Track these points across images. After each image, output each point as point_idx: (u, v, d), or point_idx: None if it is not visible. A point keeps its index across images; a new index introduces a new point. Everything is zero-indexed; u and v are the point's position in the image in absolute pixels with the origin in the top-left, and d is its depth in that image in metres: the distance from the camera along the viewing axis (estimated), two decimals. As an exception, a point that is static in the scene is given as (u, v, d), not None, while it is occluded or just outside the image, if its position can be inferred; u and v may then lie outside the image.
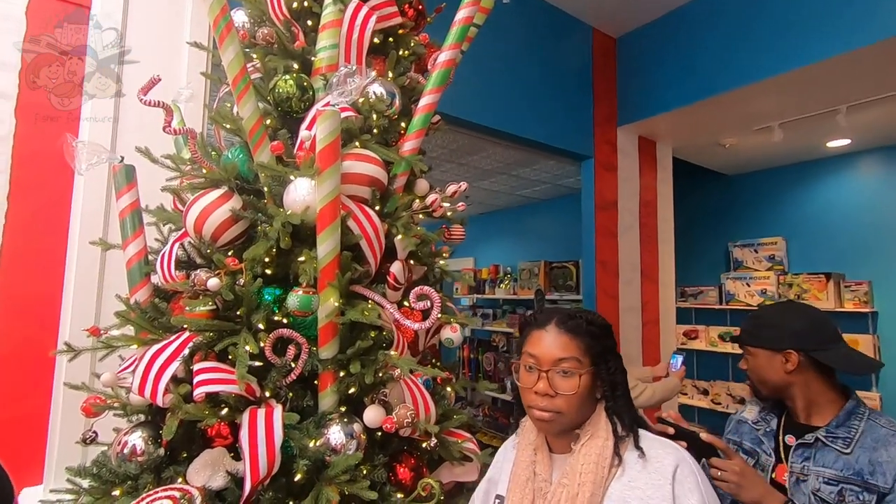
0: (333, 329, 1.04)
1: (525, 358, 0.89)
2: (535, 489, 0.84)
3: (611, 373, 0.87)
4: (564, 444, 0.87)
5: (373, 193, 1.16)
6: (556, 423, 0.85)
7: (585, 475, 0.79)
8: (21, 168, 1.50)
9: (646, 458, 0.81)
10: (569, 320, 0.87)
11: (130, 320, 1.03)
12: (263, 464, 0.89)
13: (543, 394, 0.84)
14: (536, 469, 0.86)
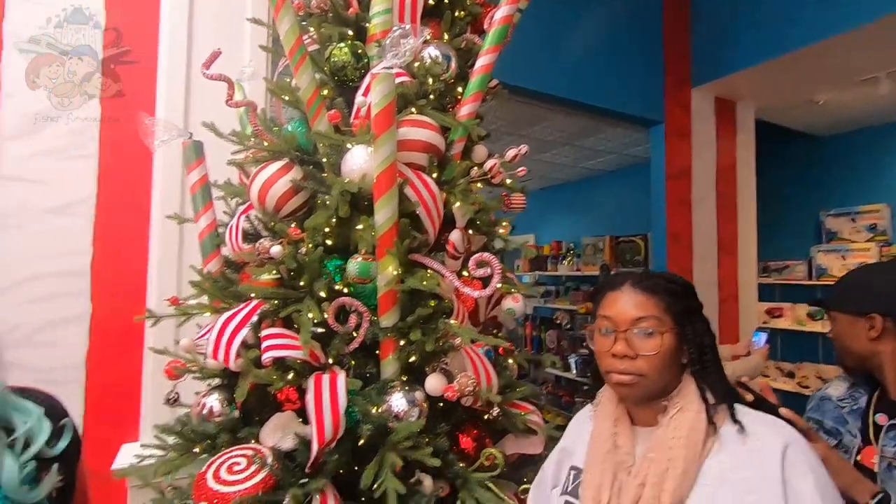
0: (393, 297, 1.04)
1: (600, 321, 0.83)
2: (617, 462, 0.79)
3: (697, 334, 0.79)
4: (649, 416, 0.80)
5: (430, 160, 1.13)
6: (637, 388, 0.78)
7: (676, 449, 0.72)
8: (107, 153, 1.62)
9: (746, 433, 0.73)
10: (645, 279, 0.80)
11: (204, 289, 1.08)
12: (329, 427, 0.91)
13: (622, 355, 0.78)
14: (618, 441, 0.81)
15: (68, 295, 1.56)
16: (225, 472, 0.95)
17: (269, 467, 0.94)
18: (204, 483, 0.92)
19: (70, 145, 1.58)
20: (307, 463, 0.95)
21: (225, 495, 0.90)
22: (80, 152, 1.59)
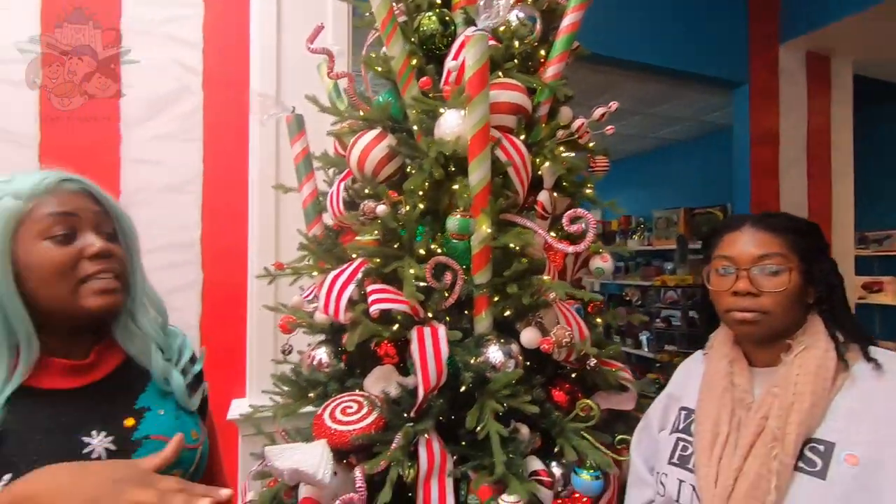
0: (487, 255, 1.08)
1: (717, 262, 0.82)
2: (735, 399, 0.79)
3: (824, 273, 0.77)
4: (770, 356, 0.79)
5: (518, 121, 1.15)
6: (761, 326, 0.77)
7: (803, 385, 0.71)
8: (210, 133, 1.77)
9: (882, 371, 0.71)
10: (766, 218, 0.79)
11: (311, 251, 1.17)
12: (433, 373, 0.98)
13: (745, 293, 0.77)
14: (735, 380, 0.81)
15: (183, 265, 1.74)
16: (339, 414, 1.04)
17: (380, 409, 1.02)
18: (322, 423, 1.02)
19: (180, 130, 1.74)
20: (412, 408, 1.03)
21: (343, 433, 0.99)
22: (188, 136, 1.75)
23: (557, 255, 1.18)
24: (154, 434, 0.70)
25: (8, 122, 1.57)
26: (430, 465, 0.96)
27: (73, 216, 0.69)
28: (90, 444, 0.65)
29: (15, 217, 0.65)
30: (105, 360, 0.75)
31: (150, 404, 0.76)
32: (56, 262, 0.66)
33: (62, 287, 0.67)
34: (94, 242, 0.69)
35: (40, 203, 0.67)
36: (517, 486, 0.90)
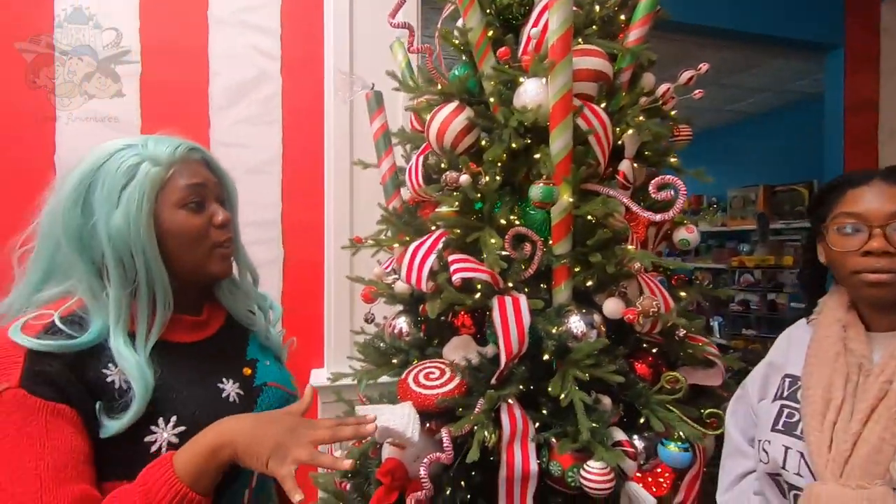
0: (567, 225, 1.07)
1: (839, 220, 0.77)
2: (850, 364, 0.75)
3: None
4: (892, 321, 0.74)
5: (599, 88, 1.12)
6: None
7: None
8: (288, 115, 1.85)
9: None
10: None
11: (391, 223, 1.21)
12: (515, 341, 0.99)
13: (881, 252, 0.72)
14: (850, 345, 0.76)
15: (266, 242, 1.85)
16: (423, 379, 1.08)
17: (463, 374, 1.04)
18: (407, 386, 1.06)
19: (260, 113, 1.83)
20: (492, 376, 1.05)
21: (427, 396, 1.02)
22: (268, 119, 1.84)
23: (640, 226, 1.15)
24: (270, 381, 0.77)
25: (113, 108, 1.72)
26: (513, 429, 0.98)
27: (202, 186, 0.74)
28: (224, 389, 0.72)
29: (158, 184, 0.70)
30: (214, 318, 0.83)
31: (257, 356, 0.84)
32: (194, 230, 0.72)
33: (198, 252, 0.73)
34: (218, 212, 0.75)
35: (176, 172, 0.72)
36: (603, 453, 0.90)
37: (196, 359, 0.72)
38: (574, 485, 0.98)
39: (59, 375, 0.61)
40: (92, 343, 0.65)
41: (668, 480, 1.10)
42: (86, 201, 0.68)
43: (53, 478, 0.56)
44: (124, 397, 0.64)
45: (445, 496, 1.03)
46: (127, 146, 0.72)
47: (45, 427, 0.58)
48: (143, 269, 0.68)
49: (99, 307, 0.67)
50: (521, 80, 1.10)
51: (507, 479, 0.98)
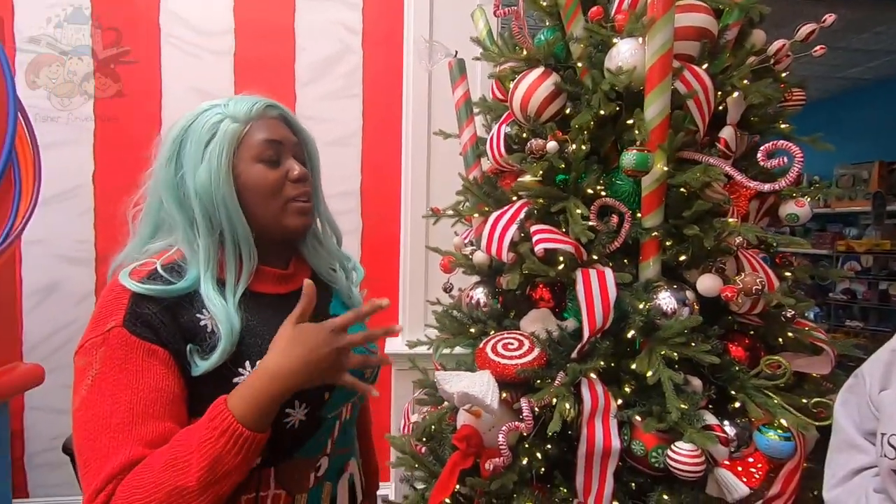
0: (660, 196, 1.01)
1: None
2: None
3: None
4: None
5: (702, 48, 1.03)
6: None
7: None
8: (369, 88, 1.89)
9: None
10: None
11: (472, 193, 1.20)
12: (599, 315, 0.95)
13: None
14: None
15: (347, 212, 1.92)
16: (501, 349, 1.08)
17: (543, 346, 1.03)
18: (485, 355, 1.07)
19: (343, 87, 1.88)
20: (572, 350, 1.02)
21: (507, 366, 1.02)
22: (350, 92, 1.89)
23: (742, 198, 1.06)
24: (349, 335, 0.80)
25: (209, 84, 1.84)
26: (594, 404, 0.96)
27: (278, 143, 0.77)
28: None
29: (236, 138, 0.74)
30: (299, 272, 0.86)
31: (338, 311, 0.86)
32: (269, 183, 0.75)
33: (273, 205, 0.76)
34: (294, 167, 0.78)
35: (254, 127, 0.76)
36: (694, 435, 0.85)
37: (282, 309, 0.74)
38: (658, 465, 0.94)
39: (157, 318, 0.66)
40: (187, 289, 0.70)
41: (761, 471, 1.03)
42: (178, 158, 0.74)
43: (143, 412, 0.61)
44: (213, 340, 0.68)
45: (521, 465, 1.03)
46: (212, 106, 0.77)
47: (140, 365, 0.63)
48: (227, 221, 0.72)
49: (194, 256, 0.72)
50: (614, 40, 1.04)
51: (586, 454, 0.96)
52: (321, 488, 0.78)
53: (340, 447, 0.83)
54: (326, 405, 0.77)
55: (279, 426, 0.69)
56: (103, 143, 1.83)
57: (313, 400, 0.73)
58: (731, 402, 0.99)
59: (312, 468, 0.76)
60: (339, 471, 0.82)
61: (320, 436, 0.77)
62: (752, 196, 1.09)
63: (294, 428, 0.71)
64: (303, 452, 0.74)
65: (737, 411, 1.00)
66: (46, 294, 1.84)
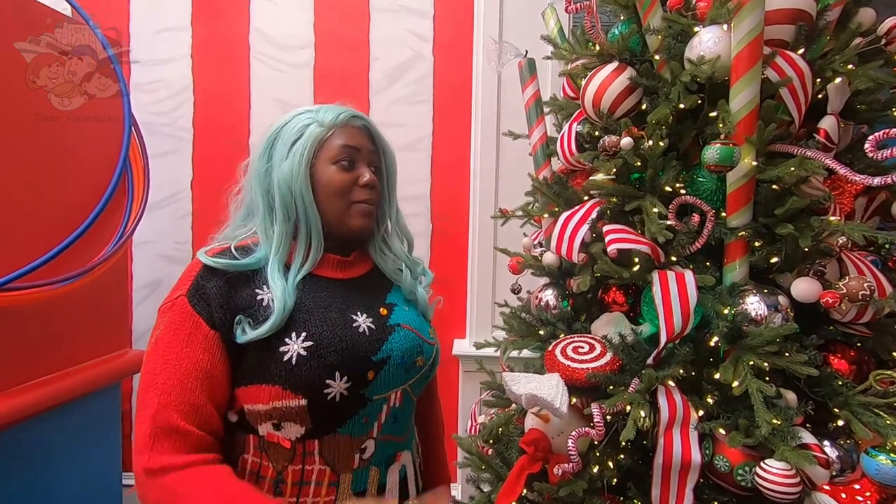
0: (748, 193, 0.94)
1: None
2: None
3: None
4: None
5: (797, 31, 0.95)
6: None
7: None
8: (439, 93, 1.93)
9: None
10: None
11: (542, 193, 1.18)
12: (678, 320, 0.90)
13: None
14: None
15: (416, 216, 1.96)
16: (571, 352, 1.05)
17: (616, 351, 0.99)
18: (554, 358, 1.04)
19: (414, 92, 1.93)
20: (648, 356, 0.97)
21: (577, 370, 0.99)
22: (420, 98, 1.93)
23: (845, 195, 0.96)
24: (404, 323, 0.82)
25: (292, 96, 1.96)
26: (672, 414, 0.90)
27: (355, 150, 0.83)
28: (357, 321, 0.79)
29: (318, 141, 0.81)
30: (360, 263, 0.91)
31: (397, 302, 0.89)
32: (339, 184, 0.81)
33: (340, 204, 0.82)
34: (365, 174, 0.82)
35: (336, 133, 0.81)
36: (788, 453, 0.78)
37: (338, 292, 0.82)
38: (745, 484, 0.87)
39: (215, 291, 0.73)
40: (251, 266, 0.77)
41: (870, 500, 0.92)
42: (269, 153, 0.82)
43: (181, 381, 0.68)
44: (266, 313, 0.74)
45: (592, 473, 0.99)
46: (306, 111, 0.87)
47: (189, 337, 0.70)
48: (302, 211, 0.80)
49: (267, 240, 0.81)
50: (695, 29, 0.98)
51: (663, 467, 0.91)
52: (367, 472, 0.79)
53: (389, 433, 0.83)
54: (371, 386, 0.78)
55: (320, 396, 0.72)
56: (200, 152, 2.01)
57: (355, 376, 0.75)
58: (832, 421, 0.90)
59: (357, 449, 0.78)
60: (389, 459, 0.83)
61: (365, 416, 0.79)
62: (858, 192, 0.98)
63: (335, 401, 0.74)
64: (346, 429, 0.76)
65: (840, 431, 0.90)
66: (152, 289, 2.06)
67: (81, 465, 1.54)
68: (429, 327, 0.93)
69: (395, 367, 0.80)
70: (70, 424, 1.48)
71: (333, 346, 0.73)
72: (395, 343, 0.82)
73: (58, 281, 1.34)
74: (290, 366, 0.71)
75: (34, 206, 1.33)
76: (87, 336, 1.53)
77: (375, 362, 0.77)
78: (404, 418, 0.86)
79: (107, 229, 1.53)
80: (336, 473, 0.76)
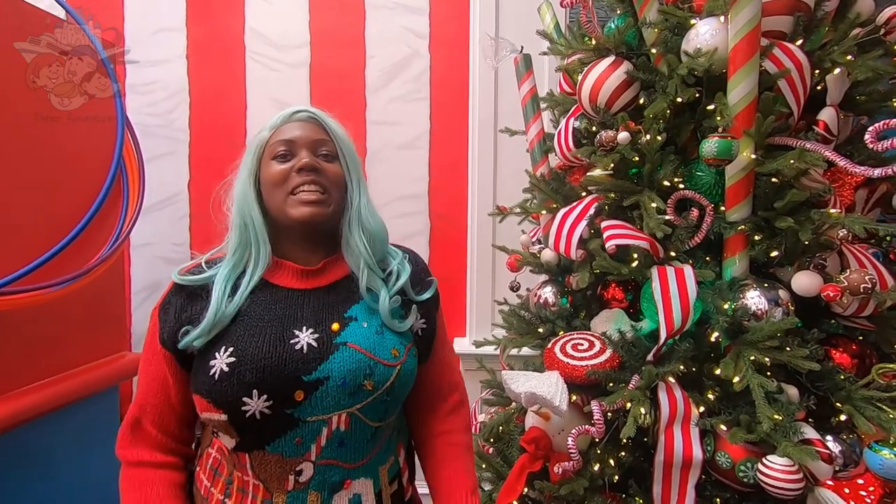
0: (747, 186, 0.93)
1: None
2: None
3: None
4: None
5: (795, 22, 0.94)
6: None
7: None
8: (436, 91, 1.91)
9: None
10: None
11: (539, 190, 1.17)
12: (678, 316, 0.89)
13: None
14: None
15: (414, 214, 1.95)
16: (570, 349, 1.04)
17: (615, 348, 0.98)
18: (554, 356, 1.03)
19: (411, 91, 1.92)
20: (648, 352, 0.96)
21: (576, 367, 0.99)
22: (418, 96, 1.92)
23: (846, 187, 0.95)
24: (351, 342, 0.73)
25: (288, 95, 1.95)
26: (673, 410, 0.90)
27: (292, 142, 0.78)
28: (297, 337, 0.73)
29: (261, 145, 0.80)
30: (332, 271, 0.82)
31: (358, 315, 0.79)
32: (274, 176, 0.76)
33: (278, 197, 0.76)
34: (303, 158, 0.76)
35: (276, 132, 0.79)
36: (790, 448, 0.77)
37: (291, 303, 0.76)
38: (747, 480, 0.86)
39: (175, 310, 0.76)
40: (210, 279, 0.77)
41: (873, 495, 0.91)
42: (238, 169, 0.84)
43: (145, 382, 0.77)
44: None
45: (593, 471, 0.98)
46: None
47: (152, 346, 0.77)
48: (246, 215, 0.78)
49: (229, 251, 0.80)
50: (692, 21, 0.97)
51: (664, 464, 0.90)
52: (305, 495, 0.74)
53: (334, 458, 0.75)
54: (301, 407, 0.72)
55: (238, 413, 0.70)
56: (197, 154, 2.00)
57: (277, 396, 0.71)
58: (835, 415, 0.89)
59: (291, 470, 0.73)
60: (335, 485, 0.76)
61: (296, 437, 0.73)
62: (858, 184, 0.98)
63: (256, 418, 0.70)
64: (275, 448, 0.72)
65: (843, 425, 0.90)
66: (151, 291, 2.05)
67: (80, 468, 1.53)
68: (393, 346, 0.78)
69: (333, 389, 0.72)
70: (68, 428, 1.47)
71: (255, 363, 0.70)
72: (335, 363, 0.73)
73: (54, 284, 1.34)
74: (213, 380, 0.70)
75: (29, 209, 1.32)
76: (85, 339, 1.52)
77: (307, 382, 0.71)
78: (357, 444, 0.76)
79: (103, 231, 1.52)
80: (269, 492, 0.73)
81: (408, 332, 0.82)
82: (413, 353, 0.81)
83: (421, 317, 0.84)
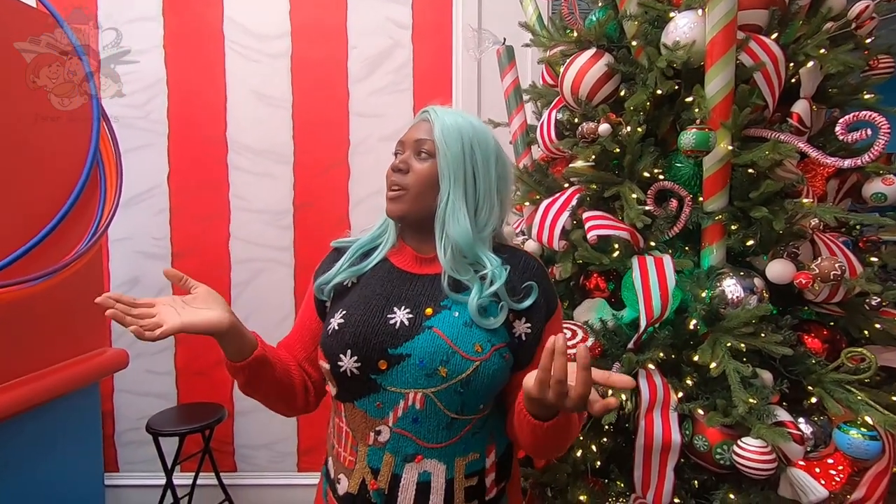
0: (724, 177, 0.95)
1: None
2: None
3: None
4: None
5: (770, 16, 0.96)
6: None
7: None
8: (419, 82, 1.91)
9: None
10: None
11: (522, 181, 1.18)
12: (657, 304, 0.91)
13: None
14: None
15: (398, 206, 1.95)
16: (553, 339, 1.06)
17: (597, 336, 1.00)
18: (537, 344, 1.05)
19: (393, 82, 1.91)
20: (629, 340, 0.99)
21: (559, 355, 1.00)
22: (400, 87, 1.91)
23: (817, 177, 0.98)
24: (437, 328, 0.77)
25: (269, 87, 1.93)
26: (653, 396, 0.92)
27: (402, 141, 0.85)
28: (395, 313, 0.80)
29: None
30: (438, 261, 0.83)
31: (453, 305, 0.80)
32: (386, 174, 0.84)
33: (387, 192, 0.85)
34: (399, 157, 0.83)
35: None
36: (763, 430, 0.80)
37: (400, 283, 0.85)
38: (723, 462, 0.89)
39: (329, 265, 0.88)
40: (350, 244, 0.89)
41: (842, 473, 0.95)
42: None
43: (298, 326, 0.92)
44: None
45: (575, 457, 1.01)
46: None
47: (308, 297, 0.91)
48: None
49: None
50: (671, 14, 0.98)
51: (644, 448, 0.93)
52: (381, 454, 0.79)
53: (408, 431, 0.78)
54: (384, 375, 0.78)
55: (335, 367, 0.80)
56: (176, 146, 1.96)
57: (365, 360, 0.79)
58: (807, 398, 0.92)
59: (372, 428, 0.80)
60: (408, 456, 0.80)
61: (378, 401, 0.79)
62: (830, 175, 1.01)
63: (347, 375, 0.79)
64: (361, 405, 0.80)
65: (814, 408, 0.93)
66: (131, 286, 2.01)
67: (60, 465, 1.51)
68: (477, 341, 0.78)
69: (412, 367, 0.77)
70: (48, 425, 1.45)
71: (354, 328, 0.80)
72: (418, 343, 0.78)
73: (30, 279, 1.31)
74: (327, 334, 0.82)
75: (3, 205, 1.29)
76: (63, 335, 1.50)
77: (391, 355, 0.77)
78: (431, 426, 0.78)
79: (80, 226, 1.49)
80: (356, 440, 0.82)
81: (503, 332, 0.80)
82: (502, 353, 0.79)
83: (526, 321, 0.81)
